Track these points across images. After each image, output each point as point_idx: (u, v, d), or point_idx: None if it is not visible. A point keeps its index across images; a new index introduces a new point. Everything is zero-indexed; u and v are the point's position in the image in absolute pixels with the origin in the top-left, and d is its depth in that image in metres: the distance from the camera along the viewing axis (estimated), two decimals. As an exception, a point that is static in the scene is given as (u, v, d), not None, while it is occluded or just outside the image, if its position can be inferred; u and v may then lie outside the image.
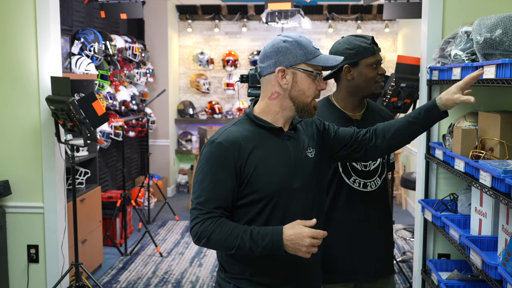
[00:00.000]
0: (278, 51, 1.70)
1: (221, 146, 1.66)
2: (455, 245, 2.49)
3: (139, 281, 4.31)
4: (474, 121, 2.55)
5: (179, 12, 7.69)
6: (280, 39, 1.72)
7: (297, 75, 1.70)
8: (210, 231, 1.63)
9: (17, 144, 3.39)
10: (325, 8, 7.53)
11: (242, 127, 1.72)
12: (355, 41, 2.10)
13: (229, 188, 1.66)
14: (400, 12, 4.55)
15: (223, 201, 1.67)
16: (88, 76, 4.44)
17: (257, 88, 3.14)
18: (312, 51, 1.71)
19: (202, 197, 1.66)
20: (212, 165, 1.66)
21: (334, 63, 1.72)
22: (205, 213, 1.64)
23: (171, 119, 7.43)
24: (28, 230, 3.45)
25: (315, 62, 1.71)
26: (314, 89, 1.73)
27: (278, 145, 1.73)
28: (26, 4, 3.30)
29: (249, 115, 1.75)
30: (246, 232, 1.63)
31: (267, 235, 1.62)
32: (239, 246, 1.62)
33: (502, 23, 2.03)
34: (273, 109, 1.74)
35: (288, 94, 1.71)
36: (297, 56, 1.69)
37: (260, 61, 1.75)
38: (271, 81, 1.72)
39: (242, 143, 1.67)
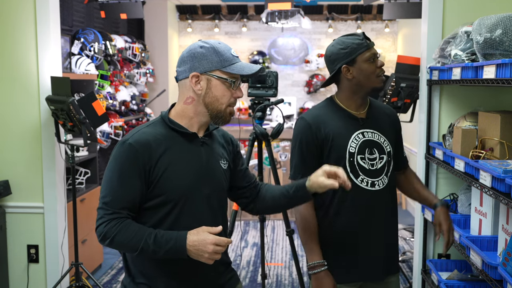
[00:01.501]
0: (194, 56, 1.69)
1: (131, 147, 1.65)
2: (455, 245, 2.49)
3: (139, 281, 4.31)
4: (474, 121, 2.56)
5: (179, 12, 7.69)
6: (197, 45, 1.72)
7: (211, 82, 1.70)
8: (115, 232, 1.62)
9: (17, 144, 3.39)
10: (325, 8, 7.53)
11: (155, 129, 1.71)
12: (347, 40, 2.09)
13: (137, 189, 1.65)
14: (400, 12, 4.55)
15: (129, 202, 1.65)
16: (88, 76, 4.44)
17: (257, 88, 3.15)
18: (229, 58, 1.71)
19: (108, 197, 1.64)
20: (121, 166, 1.65)
21: (249, 72, 1.72)
22: (111, 213, 1.63)
23: (171, 119, 7.42)
24: (28, 230, 3.45)
25: (229, 69, 1.70)
26: (228, 96, 1.72)
27: (190, 150, 1.73)
28: (26, 4, 3.30)
29: (164, 117, 1.75)
30: (151, 235, 1.62)
31: (171, 239, 1.62)
32: (142, 249, 1.62)
33: (502, 23, 2.03)
34: (188, 113, 1.73)
35: (202, 100, 1.71)
36: (212, 62, 1.69)
37: (177, 65, 1.74)
38: (186, 86, 1.72)
39: (153, 145, 1.67)
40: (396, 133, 2.23)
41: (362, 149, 2.08)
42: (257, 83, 3.13)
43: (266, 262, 4.64)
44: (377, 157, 2.10)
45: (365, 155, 2.09)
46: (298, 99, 7.60)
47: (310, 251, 2.11)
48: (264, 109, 3.12)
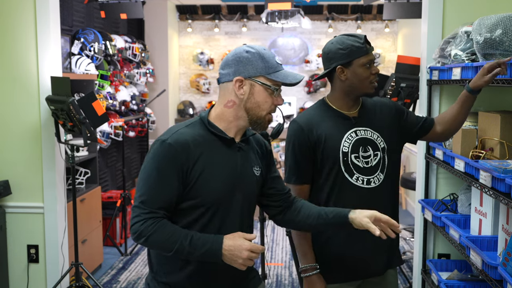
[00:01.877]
0: (239, 60, 1.70)
1: (171, 147, 1.65)
2: (455, 245, 2.49)
3: (139, 281, 4.31)
4: (474, 121, 2.56)
5: (179, 12, 7.69)
6: (243, 49, 1.72)
7: (254, 87, 1.70)
8: (151, 232, 1.63)
9: (17, 144, 3.40)
10: (325, 8, 7.53)
11: (194, 130, 1.71)
12: (347, 41, 2.08)
13: (174, 189, 1.66)
14: (400, 12, 4.55)
15: (166, 202, 1.66)
16: (88, 76, 4.44)
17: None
18: (274, 65, 1.72)
19: (145, 196, 1.65)
20: (160, 165, 1.65)
21: (293, 81, 1.72)
22: (147, 212, 1.64)
23: (171, 119, 7.43)
24: (28, 230, 3.45)
25: (274, 77, 1.70)
26: (270, 103, 1.73)
27: (227, 155, 1.73)
28: (26, 4, 3.30)
29: (203, 119, 1.74)
30: (187, 237, 1.63)
31: (207, 242, 1.63)
32: (177, 250, 1.63)
33: (502, 23, 2.03)
34: (228, 117, 1.73)
35: (243, 105, 1.71)
36: (257, 68, 1.69)
37: (221, 68, 1.74)
38: (228, 89, 1.72)
39: (191, 146, 1.66)
40: (398, 118, 2.20)
41: (356, 148, 2.09)
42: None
43: (266, 262, 4.64)
44: (371, 155, 2.10)
45: (359, 154, 2.10)
46: (298, 99, 7.61)
47: (303, 254, 2.14)
48: (264, 109, 3.12)
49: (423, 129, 2.23)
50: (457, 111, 2.18)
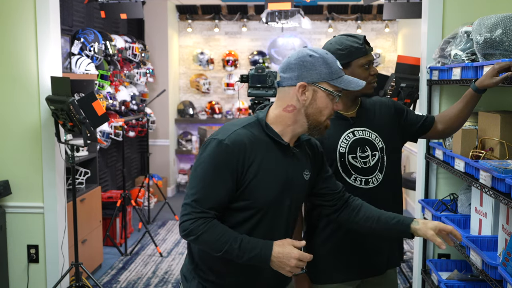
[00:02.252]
0: (303, 65, 1.66)
1: (228, 148, 1.63)
2: (455, 245, 2.49)
3: (139, 281, 4.31)
4: (474, 121, 2.56)
5: (179, 12, 7.69)
6: (306, 53, 1.68)
7: (317, 93, 1.67)
8: (201, 231, 1.63)
9: (17, 144, 3.40)
10: (325, 8, 7.53)
11: (250, 132, 1.69)
12: (346, 41, 2.07)
13: (228, 191, 1.66)
14: (400, 12, 4.55)
15: (218, 203, 1.66)
16: (88, 76, 4.44)
17: (257, 88, 3.14)
18: (337, 71, 1.68)
19: (199, 195, 1.64)
20: (216, 165, 1.64)
21: (356, 88, 1.70)
22: (199, 211, 1.64)
23: (171, 119, 7.43)
24: (28, 230, 3.45)
25: (337, 83, 1.67)
26: (330, 108, 1.70)
27: (281, 160, 1.72)
28: (26, 4, 3.30)
29: (261, 121, 1.72)
30: (236, 239, 1.63)
31: (257, 247, 1.63)
32: (226, 251, 1.63)
33: (502, 23, 2.03)
34: (286, 121, 1.71)
35: (304, 110, 1.69)
36: (321, 74, 1.66)
37: (282, 71, 1.71)
38: (289, 94, 1.69)
39: (248, 148, 1.65)
40: (398, 117, 2.19)
41: (353, 148, 2.09)
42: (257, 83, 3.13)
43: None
44: (369, 155, 2.10)
45: (357, 154, 2.09)
46: (298, 99, 7.59)
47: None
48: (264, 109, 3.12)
49: (424, 127, 2.23)
50: (461, 109, 2.17)
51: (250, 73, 3.13)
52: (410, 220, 1.81)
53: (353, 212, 1.90)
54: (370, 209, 1.90)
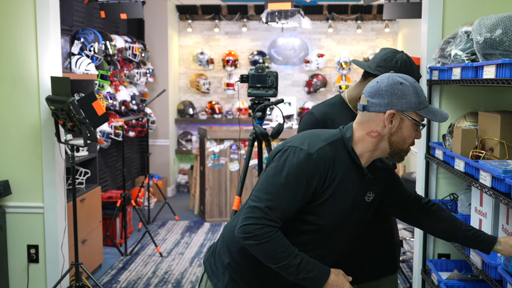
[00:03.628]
0: (394, 93, 1.65)
1: (316, 164, 1.62)
2: (455, 245, 2.49)
3: (139, 281, 4.31)
4: (474, 121, 2.55)
5: (179, 12, 7.69)
6: (397, 80, 1.66)
7: (404, 122, 1.67)
8: (264, 240, 1.60)
9: (17, 144, 3.39)
10: (325, 8, 7.53)
11: (336, 150, 1.68)
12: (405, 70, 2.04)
13: (301, 204, 1.64)
14: (400, 12, 4.55)
15: (287, 215, 1.64)
16: (88, 76, 4.44)
17: (257, 88, 3.14)
18: (424, 101, 1.68)
19: (274, 202, 1.60)
20: (300, 178, 1.61)
21: (441, 120, 1.70)
22: (269, 219, 1.60)
23: (171, 119, 7.43)
24: (28, 230, 3.45)
25: (424, 113, 1.67)
26: (413, 137, 1.70)
27: (354, 182, 1.71)
28: (26, 4, 3.30)
29: (346, 142, 1.70)
30: (297, 257, 1.62)
31: (315, 270, 1.63)
32: (283, 265, 1.61)
33: (502, 23, 2.03)
34: (367, 145, 1.70)
35: (388, 137, 1.68)
36: (410, 103, 1.65)
37: (371, 96, 1.68)
38: (376, 120, 1.68)
39: (332, 167, 1.64)
40: None
41: None
42: (257, 83, 3.13)
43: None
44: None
45: None
46: (298, 99, 7.60)
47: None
48: (264, 109, 3.12)
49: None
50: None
51: (250, 73, 3.13)
52: (493, 241, 1.85)
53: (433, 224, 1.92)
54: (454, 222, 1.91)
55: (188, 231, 5.75)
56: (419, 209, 1.93)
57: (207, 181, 6.02)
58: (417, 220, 1.94)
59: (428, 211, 1.93)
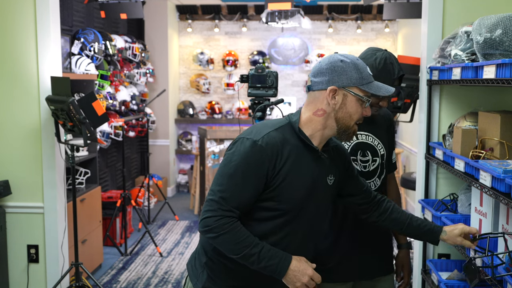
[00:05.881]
0: (334, 70, 1.69)
1: (262, 150, 1.64)
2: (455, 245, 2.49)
3: (139, 281, 4.31)
4: (474, 121, 2.55)
5: (179, 12, 7.69)
6: (337, 58, 1.71)
7: (347, 98, 1.70)
8: (223, 231, 1.62)
9: (17, 144, 3.39)
10: (325, 8, 7.53)
11: (283, 135, 1.70)
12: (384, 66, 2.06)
13: (256, 191, 1.66)
14: (400, 12, 4.55)
15: (245, 203, 1.66)
16: (88, 76, 4.44)
17: (257, 88, 3.14)
18: (367, 76, 1.71)
19: (227, 193, 1.64)
20: (249, 165, 1.64)
21: (385, 94, 1.72)
22: (226, 210, 1.63)
23: (171, 119, 7.43)
24: (28, 230, 3.45)
25: (367, 88, 1.70)
26: (360, 113, 1.72)
27: (309, 163, 1.73)
28: (26, 4, 3.30)
29: (293, 125, 1.73)
30: (257, 246, 1.64)
31: (276, 257, 1.65)
32: (244, 255, 1.63)
33: (502, 23, 2.03)
34: (316, 125, 1.73)
35: (334, 114, 1.71)
36: (352, 79, 1.68)
37: (313, 75, 1.73)
38: (319, 98, 1.71)
39: (280, 151, 1.66)
40: (389, 137, 2.25)
41: (354, 151, 2.10)
42: (257, 83, 3.13)
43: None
44: (369, 159, 2.12)
45: (357, 157, 2.11)
46: (298, 99, 7.61)
47: None
48: (264, 109, 3.12)
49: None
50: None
51: (250, 73, 3.13)
52: (439, 231, 1.90)
53: (383, 215, 1.95)
54: (400, 213, 1.95)
55: (188, 231, 5.75)
56: (370, 200, 1.95)
57: (207, 181, 6.02)
58: (367, 212, 1.96)
59: (378, 203, 1.96)
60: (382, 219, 1.95)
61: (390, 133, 2.26)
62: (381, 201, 1.97)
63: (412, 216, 1.96)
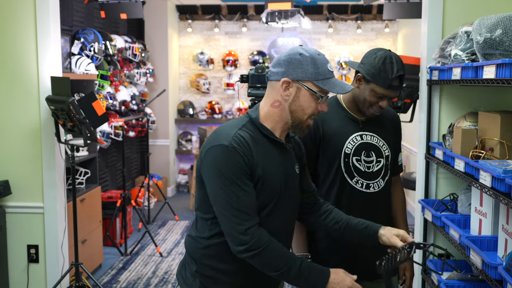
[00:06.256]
0: (291, 62, 1.68)
1: (236, 151, 1.62)
2: (455, 245, 2.49)
3: (139, 281, 4.31)
4: (474, 121, 2.55)
5: (179, 12, 7.69)
6: (297, 51, 1.70)
7: (300, 91, 1.69)
8: (266, 242, 1.62)
9: (17, 144, 3.39)
10: (325, 8, 7.53)
11: (247, 132, 1.69)
12: (383, 66, 2.05)
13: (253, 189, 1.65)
14: (400, 12, 4.55)
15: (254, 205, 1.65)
16: (88, 76, 4.44)
17: (257, 88, 3.14)
18: (324, 72, 1.69)
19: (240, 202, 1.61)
20: (233, 170, 1.62)
21: (341, 92, 1.70)
22: (252, 217, 1.62)
23: (171, 119, 7.43)
24: (28, 230, 3.45)
25: (321, 84, 1.68)
26: (313, 108, 1.71)
27: (277, 155, 1.74)
28: (26, 4, 3.30)
29: (254, 121, 1.73)
30: (296, 260, 1.65)
31: (314, 271, 1.66)
32: (284, 272, 1.63)
33: (502, 23, 2.03)
34: (274, 117, 1.73)
35: (288, 106, 1.70)
36: (307, 73, 1.67)
37: (272, 66, 1.73)
38: (275, 88, 1.71)
39: (251, 148, 1.66)
40: (396, 139, 2.25)
41: (359, 151, 2.10)
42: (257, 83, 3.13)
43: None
44: (374, 160, 2.11)
45: (361, 157, 2.10)
46: (298, 99, 7.60)
47: (297, 243, 2.19)
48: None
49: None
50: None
51: (250, 73, 3.13)
52: (378, 227, 1.84)
53: (322, 216, 1.92)
54: (340, 213, 1.92)
55: (188, 231, 5.75)
56: (316, 201, 1.94)
57: (207, 181, 6.01)
58: (311, 212, 1.94)
59: (321, 204, 1.95)
60: (323, 219, 1.92)
61: (397, 135, 2.27)
62: (324, 203, 1.96)
63: (351, 217, 1.92)
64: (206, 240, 1.74)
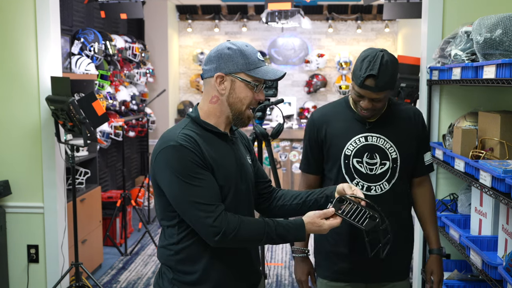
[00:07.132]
0: (220, 57, 1.72)
1: (185, 148, 1.64)
2: (455, 245, 2.49)
3: (139, 281, 4.31)
4: (474, 121, 2.55)
5: (179, 12, 7.69)
6: (225, 46, 1.74)
7: (235, 83, 1.73)
8: (238, 223, 1.65)
9: (17, 144, 3.39)
10: (325, 8, 7.53)
11: (192, 131, 1.72)
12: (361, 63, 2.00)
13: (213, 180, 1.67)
14: (400, 12, 4.55)
15: (218, 193, 1.68)
16: (88, 76, 4.44)
17: (257, 88, 3.14)
18: (254, 61, 1.73)
19: (202, 195, 1.64)
20: (188, 166, 1.64)
21: (273, 77, 1.73)
22: (217, 206, 1.64)
23: (171, 119, 7.43)
24: (28, 230, 3.45)
25: (253, 73, 1.73)
26: (250, 98, 1.75)
27: (225, 148, 1.77)
28: (26, 4, 3.30)
29: (196, 120, 1.76)
30: (268, 223, 1.68)
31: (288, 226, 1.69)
32: (266, 235, 1.67)
33: (502, 23, 2.03)
34: (215, 113, 1.76)
35: (226, 100, 1.74)
36: (238, 65, 1.71)
37: (204, 63, 1.77)
38: (211, 85, 1.75)
39: (198, 145, 1.68)
40: (416, 138, 2.15)
41: (360, 153, 2.07)
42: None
43: (266, 262, 4.64)
44: (377, 163, 2.07)
45: (363, 159, 2.07)
46: (298, 99, 7.61)
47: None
48: (264, 109, 3.12)
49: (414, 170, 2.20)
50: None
51: (250, 73, 3.12)
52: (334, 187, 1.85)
53: (281, 198, 1.94)
54: (297, 191, 1.95)
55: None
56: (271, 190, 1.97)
57: (207, 181, 6.01)
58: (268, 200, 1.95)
59: (275, 191, 1.97)
60: (282, 200, 1.93)
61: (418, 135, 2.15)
62: (279, 189, 1.99)
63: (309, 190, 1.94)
64: (176, 245, 1.75)
